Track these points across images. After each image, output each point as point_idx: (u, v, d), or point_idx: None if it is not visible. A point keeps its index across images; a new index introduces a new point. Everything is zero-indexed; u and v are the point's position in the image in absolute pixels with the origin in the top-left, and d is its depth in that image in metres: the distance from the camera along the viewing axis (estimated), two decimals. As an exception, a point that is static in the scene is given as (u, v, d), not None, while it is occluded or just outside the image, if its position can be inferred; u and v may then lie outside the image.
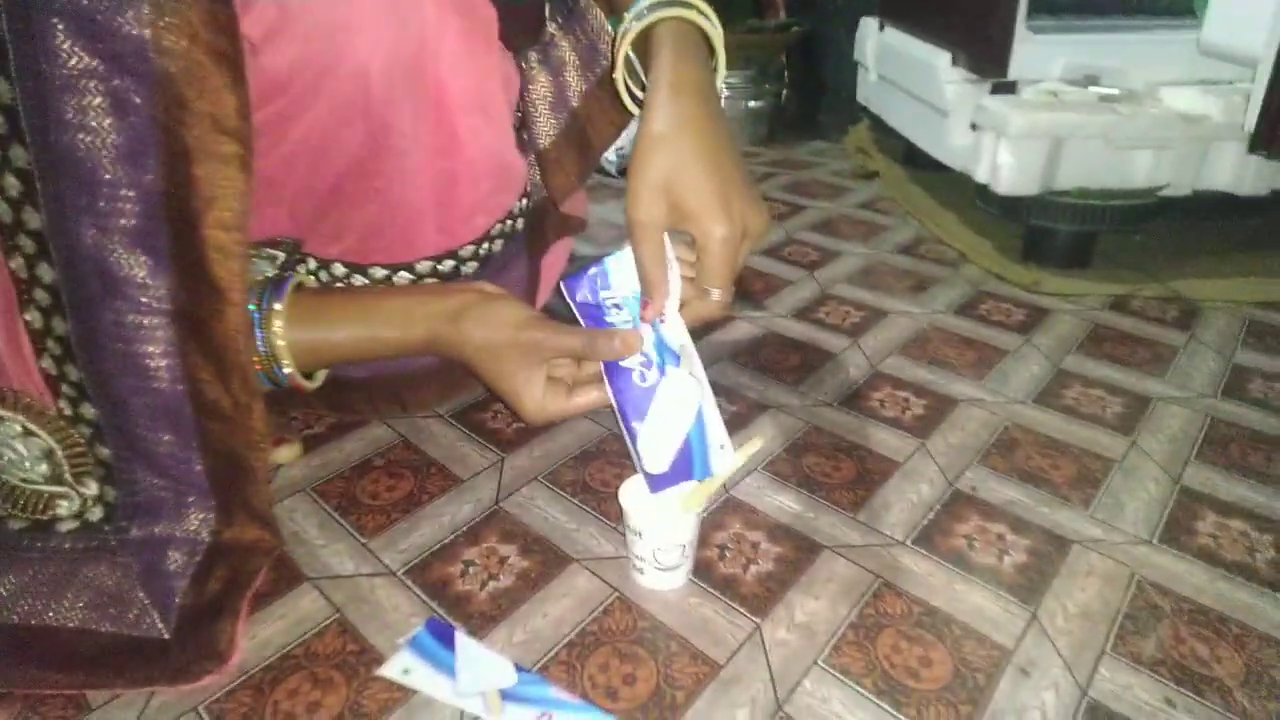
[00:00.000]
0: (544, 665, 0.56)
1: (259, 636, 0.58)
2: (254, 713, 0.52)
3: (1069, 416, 0.85)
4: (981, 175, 1.17)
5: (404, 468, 0.76)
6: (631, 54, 0.64)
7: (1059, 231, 1.17)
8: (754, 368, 0.92)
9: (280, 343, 0.59)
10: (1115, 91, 1.16)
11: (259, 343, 0.59)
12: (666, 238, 0.57)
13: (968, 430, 0.82)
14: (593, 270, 0.61)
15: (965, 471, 0.76)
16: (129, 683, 0.54)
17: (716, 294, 0.58)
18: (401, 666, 0.55)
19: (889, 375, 0.92)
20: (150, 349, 0.52)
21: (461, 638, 0.57)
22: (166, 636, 0.55)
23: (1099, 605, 0.61)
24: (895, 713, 0.53)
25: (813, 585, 0.63)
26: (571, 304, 0.62)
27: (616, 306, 0.61)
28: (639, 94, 0.65)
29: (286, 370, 0.60)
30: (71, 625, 0.55)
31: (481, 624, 0.59)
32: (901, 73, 1.46)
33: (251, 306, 0.59)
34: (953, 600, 0.62)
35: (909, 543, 0.67)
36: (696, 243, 0.57)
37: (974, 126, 1.19)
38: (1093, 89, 1.18)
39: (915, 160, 1.50)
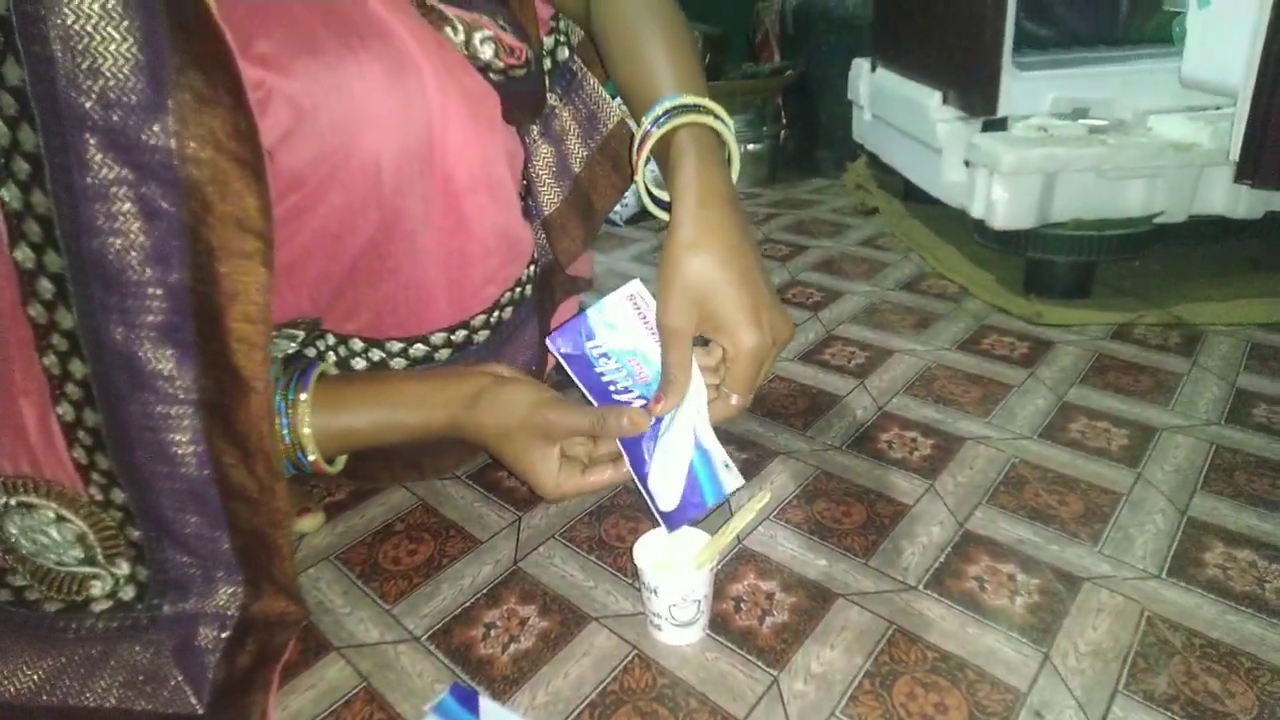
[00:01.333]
0: (567, 726, 0.58)
1: (290, 708, 0.60)
2: (288, 786, 0.54)
3: (1075, 450, 0.86)
4: (977, 211, 1.20)
5: (424, 531, 0.78)
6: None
7: (1058, 263, 1.19)
8: (762, 413, 0.94)
9: (306, 432, 0.62)
10: (1104, 123, 1.19)
11: (285, 432, 0.61)
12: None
13: (975, 469, 0.83)
14: (574, 323, 0.64)
15: (974, 511, 0.77)
16: (166, 760, 0.55)
17: (736, 399, 0.60)
18: None
19: (896, 415, 0.93)
20: (177, 437, 0.55)
21: (486, 703, 0.59)
22: (200, 712, 0.57)
23: (1110, 643, 0.62)
24: (912, 762, 0.54)
25: (828, 634, 0.64)
26: (559, 358, 0.64)
27: (604, 356, 0.63)
28: (658, 194, 0.68)
29: (311, 458, 0.62)
30: (109, 705, 0.57)
31: (504, 687, 0.61)
32: (894, 112, 1.49)
33: (278, 397, 0.61)
34: (966, 644, 0.63)
35: (921, 587, 0.68)
36: (726, 352, 0.59)
37: (967, 163, 1.22)
38: (1082, 121, 1.21)
39: (914, 195, 1.53)
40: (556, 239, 0.86)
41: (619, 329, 0.63)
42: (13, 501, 0.57)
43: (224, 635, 0.60)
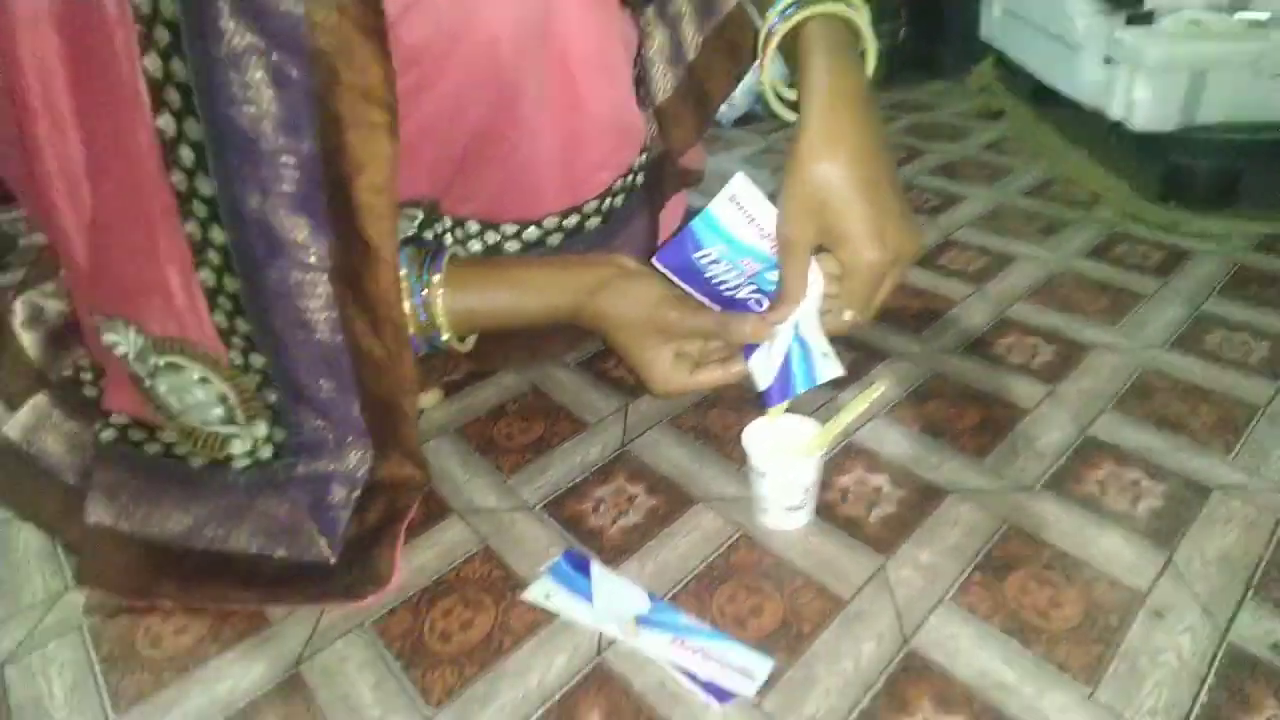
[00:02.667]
0: (673, 595, 0.59)
1: (415, 563, 0.63)
2: (413, 629, 0.58)
3: (1210, 362, 0.81)
4: (1116, 111, 1.12)
5: (535, 412, 0.80)
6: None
7: (1201, 169, 1.10)
8: (874, 317, 0.92)
9: (440, 311, 0.63)
10: (1265, 16, 1.08)
11: (420, 311, 0.63)
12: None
13: (1100, 376, 0.80)
14: (679, 239, 0.62)
15: (1098, 418, 0.74)
16: (302, 600, 0.60)
17: (850, 314, 0.58)
18: (544, 592, 0.60)
19: (1016, 322, 0.90)
20: (311, 304, 0.57)
21: (597, 567, 0.61)
22: (334, 561, 0.61)
23: (1240, 552, 0.59)
24: (1024, 650, 0.54)
25: (937, 528, 0.64)
26: (669, 274, 0.63)
27: (714, 262, 0.62)
28: (786, 95, 0.65)
29: (445, 337, 0.64)
30: (251, 551, 0.61)
31: (613, 556, 0.63)
32: (1028, 6, 1.39)
33: (413, 278, 0.63)
34: (1083, 545, 0.61)
35: (1038, 488, 0.67)
36: (843, 266, 0.56)
37: (1107, 60, 1.13)
38: (1240, 15, 1.10)
39: (1044, 97, 1.43)
40: (669, 128, 0.84)
41: (725, 232, 0.61)
42: (162, 362, 0.60)
43: (354, 494, 0.64)
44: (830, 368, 0.60)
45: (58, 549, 0.67)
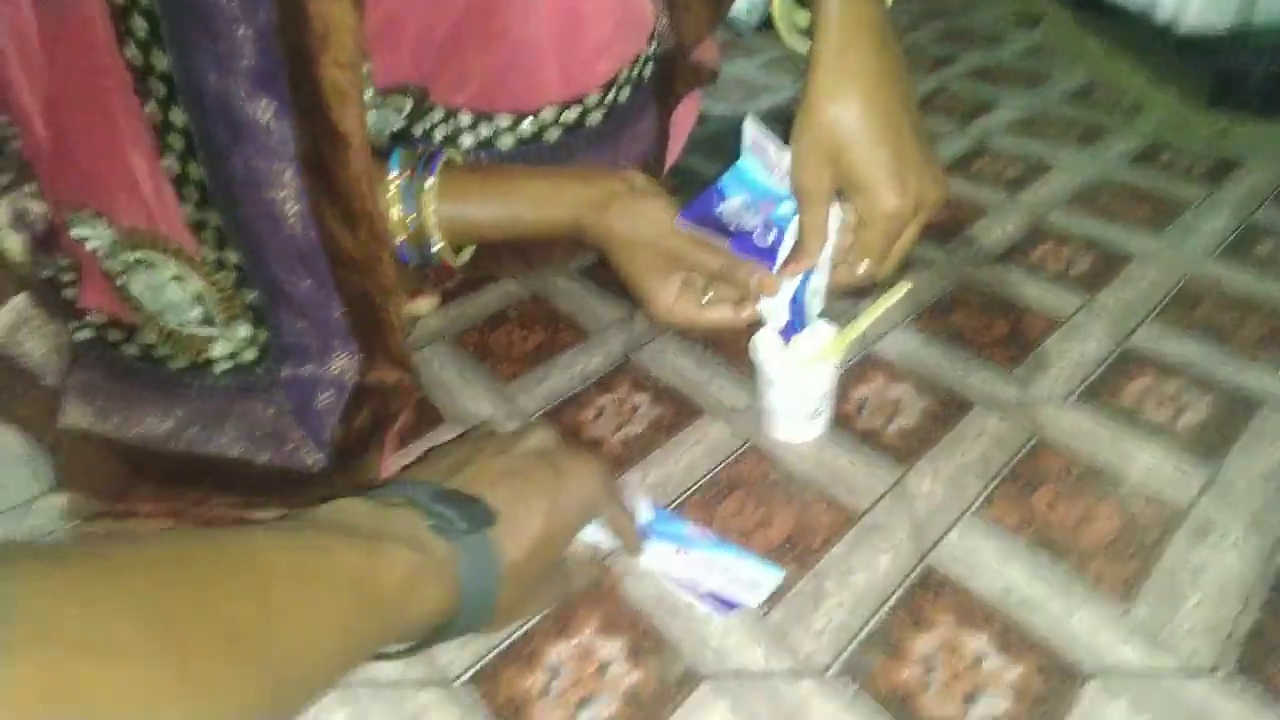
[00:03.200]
0: (677, 506, 0.56)
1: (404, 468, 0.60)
2: (401, 537, 0.55)
3: (1259, 272, 0.75)
4: (1165, 12, 1.03)
5: (535, 320, 0.76)
6: None
7: (1253, 73, 1.03)
8: (897, 224, 0.86)
9: (432, 219, 0.59)
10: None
11: (410, 218, 0.59)
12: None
13: (1140, 287, 0.74)
14: (704, 198, 0.58)
15: (1137, 329, 0.69)
16: (287, 505, 0.57)
17: (865, 266, 0.54)
18: None
19: (1051, 231, 0.84)
20: (280, 194, 0.52)
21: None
22: (321, 466, 0.57)
23: (1292, 468, 0.55)
24: (1053, 565, 0.50)
25: (961, 441, 0.59)
26: (692, 228, 0.58)
27: (736, 211, 0.57)
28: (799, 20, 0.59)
29: (436, 246, 0.60)
30: (233, 454, 0.58)
31: (614, 466, 0.59)
32: (1074, -102, 1.29)
33: (404, 182, 0.59)
34: (1119, 459, 0.57)
35: (1071, 400, 0.62)
36: (860, 215, 0.52)
37: (1160, -48, 1.05)
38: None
39: (1084, 1, 1.34)
40: (680, 17, 0.77)
41: (750, 181, 0.56)
42: (133, 258, 0.57)
43: (341, 400, 0.60)
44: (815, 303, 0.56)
45: (35, 451, 0.64)
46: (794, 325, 0.57)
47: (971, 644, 0.46)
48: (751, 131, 0.54)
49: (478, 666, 0.47)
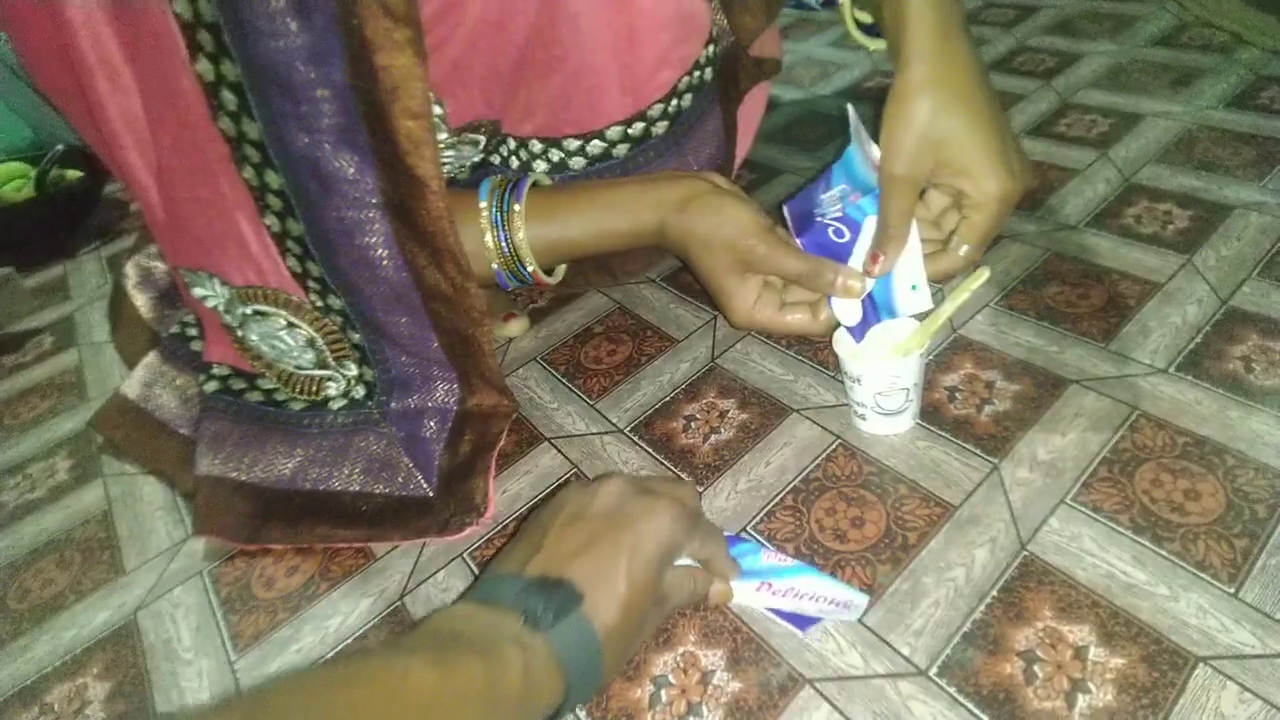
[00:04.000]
0: (770, 511, 0.57)
1: (509, 491, 0.63)
2: (510, 558, 0.58)
3: (1385, 211, 0.70)
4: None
5: (622, 332, 0.78)
6: None
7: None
8: (979, 197, 0.84)
9: (523, 242, 0.62)
10: None
11: (503, 244, 0.62)
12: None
13: (1245, 239, 0.71)
14: (815, 183, 0.59)
15: (1242, 286, 0.66)
16: (404, 535, 0.61)
17: (966, 250, 0.54)
18: None
19: (1146, 187, 0.80)
20: (371, 240, 0.56)
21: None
22: (431, 495, 0.61)
23: None
24: (1157, 548, 0.49)
25: (1057, 422, 0.58)
26: (790, 220, 0.59)
27: (833, 201, 0.58)
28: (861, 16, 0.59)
29: (530, 269, 0.63)
30: (353, 490, 0.63)
31: (706, 474, 0.61)
32: None
33: (493, 209, 0.62)
34: (1225, 428, 0.55)
35: (1172, 370, 0.60)
36: (966, 199, 0.52)
37: None
38: None
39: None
40: (735, 14, 0.78)
41: (854, 170, 0.57)
42: (249, 311, 0.62)
43: (445, 428, 0.64)
44: (915, 301, 0.56)
45: (177, 499, 0.71)
46: (869, 321, 0.57)
47: (1074, 635, 0.46)
48: (854, 118, 0.55)
49: (590, 678, 0.49)
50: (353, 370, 0.64)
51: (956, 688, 0.45)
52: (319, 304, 0.61)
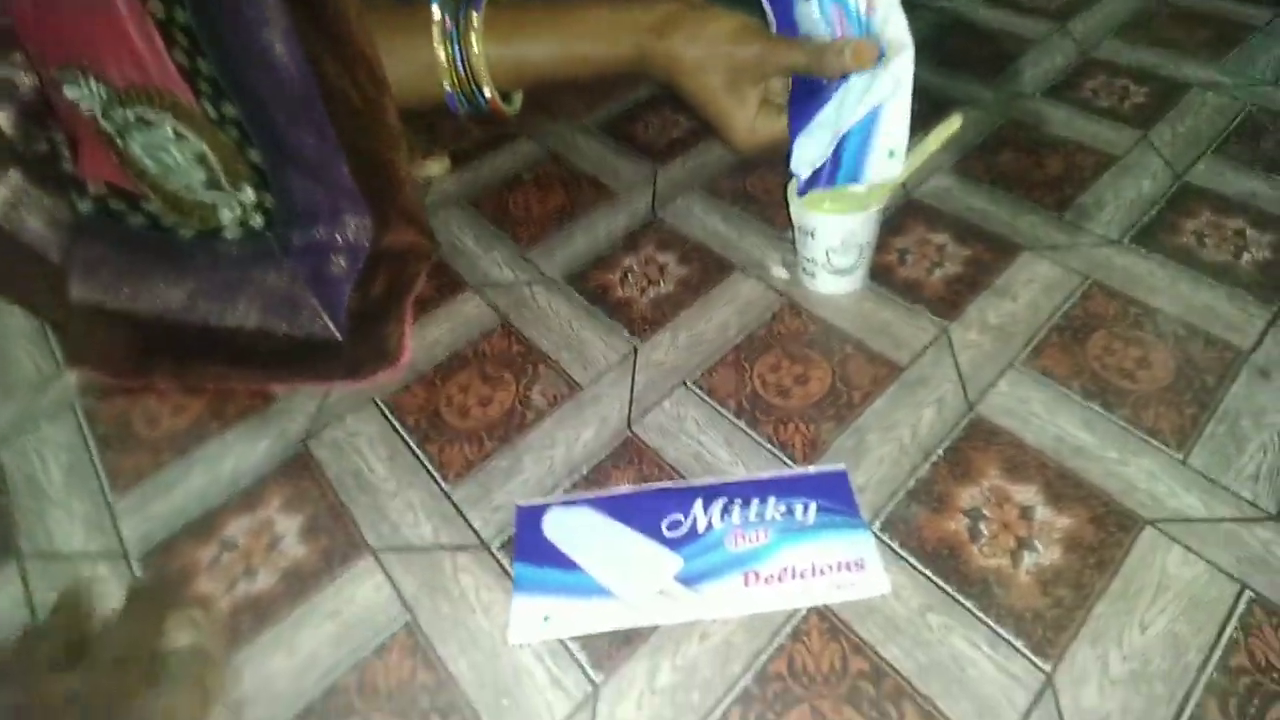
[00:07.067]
0: (711, 367, 0.54)
1: (427, 338, 0.58)
2: (428, 404, 0.53)
3: (1335, 98, 0.69)
4: None
5: (554, 181, 0.72)
6: None
7: None
8: (938, 62, 0.80)
9: (480, 60, 0.54)
10: None
11: (458, 61, 0.54)
12: None
13: (1201, 117, 0.69)
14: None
15: (1197, 163, 0.64)
16: (307, 378, 0.56)
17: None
18: (538, 615, 0.42)
19: (1104, 61, 0.78)
20: (270, 36, 0.48)
21: (562, 517, 0.46)
22: (339, 337, 0.56)
23: (1366, 304, 0.52)
24: (1107, 414, 0.48)
25: (1009, 288, 0.56)
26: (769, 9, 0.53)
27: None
28: None
29: (487, 93, 0.55)
30: (249, 326, 0.56)
31: (643, 328, 0.57)
32: None
33: (448, 18, 0.54)
34: (1177, 300, 0.54)
35: (1126, 242, 0.59)
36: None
37: None
38: None
39: None
40: None
41: None
42: (131, 115, 0.53)
43: (356, 267, 0.58)
44: (887, 168, 0.50)
45: (46, 330, 0.63)
46: (819, 182, 0.52)
47: (1021, 495, 0.44)
48: None
49: (507, 534, 0.46)
50: (250, 195, 0.57)
51: (899, 543, 0.43)
52: (212, 113, 0.53)
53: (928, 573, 0.42)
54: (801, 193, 0.53)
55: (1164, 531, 0.42)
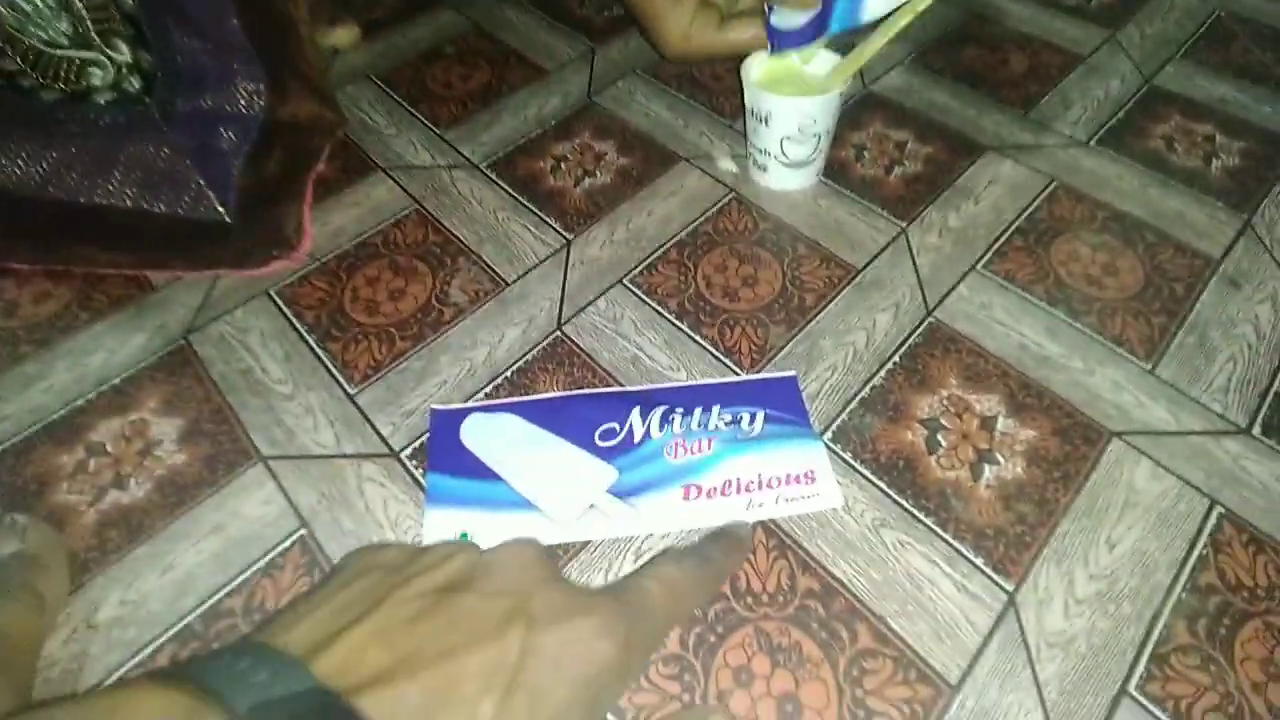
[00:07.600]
0: (651, 264, 0.49)
1: (331, 224, 0.51)
2: (330, 298, 0.47)
3: (1304, 6, 0.67)
4: None
5: (479, 57, 0.64)
6: None
7: None
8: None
9: None
10: None
11: None
12: None
13: (1170, 20, 0.65)
14: None
15: (1166, 66, 0.61)
16: (190, 264, 0.49)
17: None
18: (452, 530, 0.37)
19: (1071, -44, 0.73)
20: None
21: (483, 424, 0.41)
22: (228, 219, 0.49)
23: (1335, 215, 0.49)
24: (1072, 321, 0.45)
25: (971, 188, 0.52)
26: None
27: None
28: None
29: None
30: (125, 205, 0.49)
31: (578, 221, 0.51)
32: None
33: None
34: (1146, 205, 0.51)
35: (1093, 144, 0.55)
36: None
37: None
38: None
39: None
40: None
41: None
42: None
43: (248, 139, 0.50)
44: (880, 3, 0.45)
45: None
46: (810, 29, 0.47)
47: (981, 405, 0.41)
48: None
49: (419, 442, 0.41)
50: (124, 53, 0.48)
51: (852, 454, 0.39)
52: (75, -53, 0.44)
53: (882, 485, 0.38)
54: (778, 48, 0.48)
55: (1131, 444, 0.39)
